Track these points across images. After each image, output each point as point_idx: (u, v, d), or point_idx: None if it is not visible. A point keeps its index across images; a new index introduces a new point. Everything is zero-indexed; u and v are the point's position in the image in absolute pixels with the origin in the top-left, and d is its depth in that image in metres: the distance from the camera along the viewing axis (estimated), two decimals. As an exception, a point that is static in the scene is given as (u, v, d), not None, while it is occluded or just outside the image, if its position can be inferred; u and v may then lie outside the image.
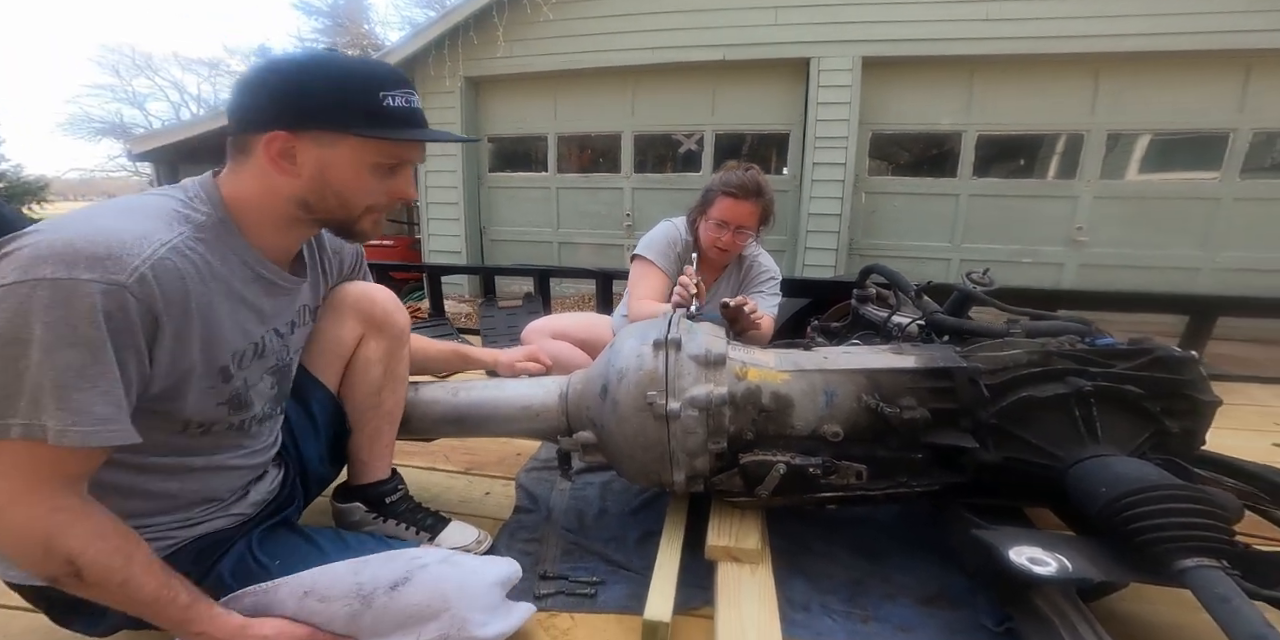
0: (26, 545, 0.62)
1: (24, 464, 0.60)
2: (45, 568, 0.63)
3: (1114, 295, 2.89)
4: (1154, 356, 0.98)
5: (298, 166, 0.71)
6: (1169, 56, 4.26)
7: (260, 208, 0.74)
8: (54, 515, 0.62)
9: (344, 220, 0.77)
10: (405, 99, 0.72)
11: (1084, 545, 0.80)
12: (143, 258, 0.61)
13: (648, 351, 0.97)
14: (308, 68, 0.69)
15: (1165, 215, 4.57)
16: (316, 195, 0.73)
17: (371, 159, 0.72)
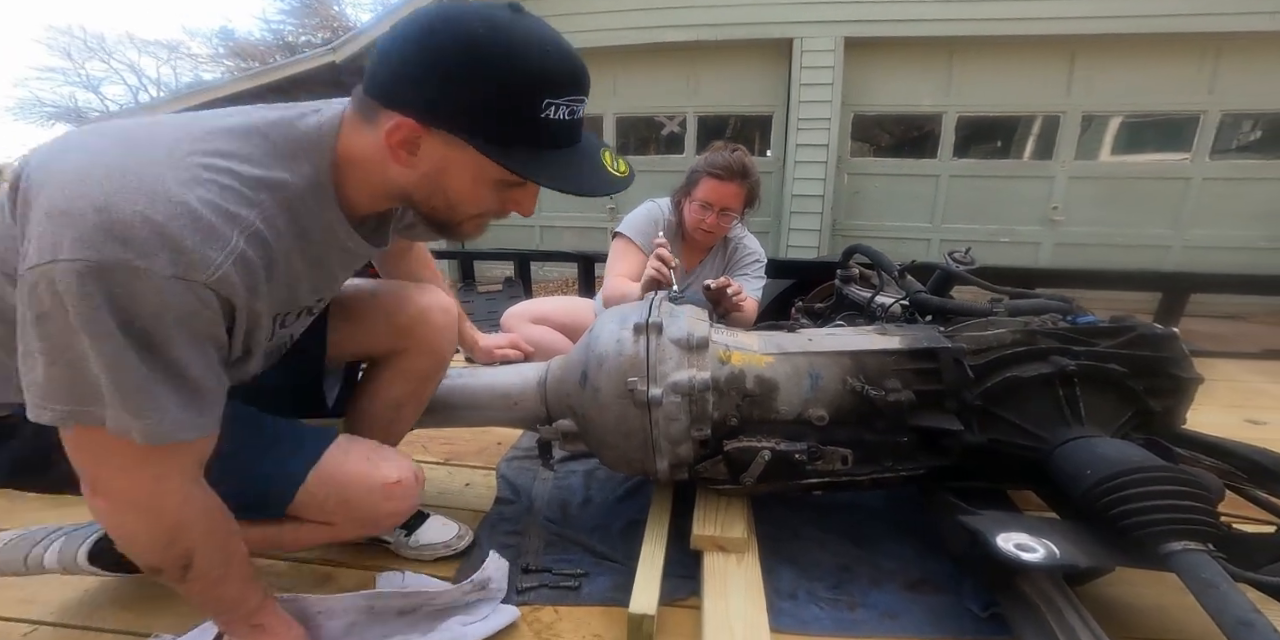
0: (155, 535, 0.62)
1: (149, 455, 0.57)
2: (160, 558, 0.63)
3: (1090, 273, 2.94)
4: (1136, 334, 0.97)
5: (417, 159, 0.61)
6: (1142, 39, 4.30)
7: (364, 181, 0.65)
8: (183, 507, 0.62)
9: (445, 222, 0.69)
10: (570, 109, 0.60)
11: (1070, 530, 0.80)
12: (225, 252, 0.54)
13: (628, 336, 0.94)
14: (476, 52, 0.55)
15: (1137, 195, 4.67)
16: (425, 194, 0.65)
17: (497, 174, 0.62)
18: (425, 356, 0.96)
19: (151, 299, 0.51)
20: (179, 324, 0.54)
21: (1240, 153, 4.64)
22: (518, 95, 0.57)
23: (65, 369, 0.52)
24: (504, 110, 0.57)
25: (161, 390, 0.54)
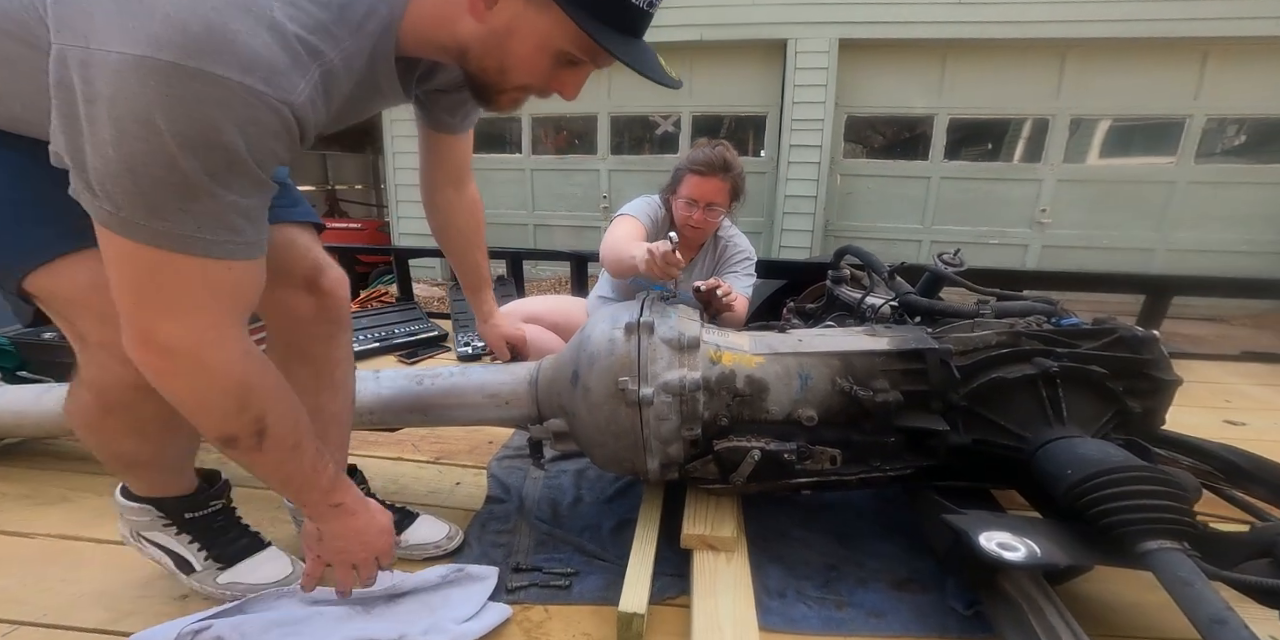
0: (224, 394, 0.59)
1: (213, 285, 0.55)
2: (235, 424, 0.60)
3: (1076, 275, 2.98)
4: (1117, 336, 0.99)
5: (491, 14, 0.60)
6: (1130, 43, 4.36)
7: (427, 30, 0.63)
8: (246, 361, 0.59)
9: (488, 85, 0.67)
10: (650, 0, 0.61)
11: (1051, 529, 0.81)
12: (309, 83, 0.54)
13: (619, 336, 0.94)
14: None
15: (1123, 198, 4.74)
16: (481, 51, 0.63)
17: (563, 44, 0.62)
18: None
19: (240, 113, 0.50)
20: (261, 141, 0.53)
21: (1225, 157, 4.71)
22: None
23: (122, 167, 0.49)
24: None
25: (230, 209, 0.53)
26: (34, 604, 0.89)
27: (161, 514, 0.84)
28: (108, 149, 0.48)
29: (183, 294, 0.55)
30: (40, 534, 1.07)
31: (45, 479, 1.27)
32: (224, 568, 0.87)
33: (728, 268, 1.67)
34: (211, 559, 0.86)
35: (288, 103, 0.52)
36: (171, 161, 0.49)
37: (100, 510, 1.14)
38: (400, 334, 2.21)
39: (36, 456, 1.36)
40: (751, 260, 1.71)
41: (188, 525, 0.86)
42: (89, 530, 1.08)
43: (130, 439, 0.76)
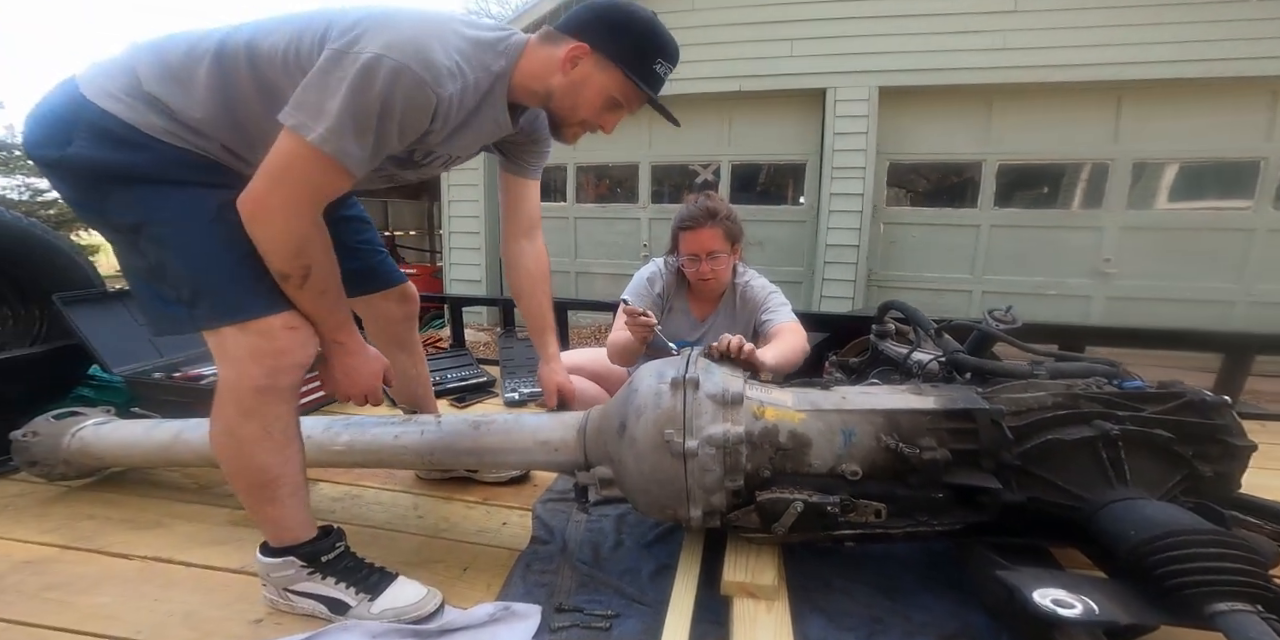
0: (288, 243, 0.86)
1: (314, 173, 0.83)
2: (289, 264, 0.87)
3: (1145, 332, 2.77)
4: (1185, 401, 0.98)
5: (573, 71, 0.95)
6: (1194, 83, 4.21)
7: (529, 80, 0.98)
8: (313, 228, 0.87)
9: (563, 119, 1.02)
10: (665, 71, 0.99)
11: (1111, 587, 0.80)
12: (459, 86, 0.87)
13: (666, 390, 0.99)
14: (635, 17, 0.96)
15: (1197, 246, 4.46)
16: (562, 94, 0.97)
17: (614, 92, 0.98)
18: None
19: (408, 89, 0.81)
20: (406, 111, 0.83)
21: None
22: (651, 50, 0.97)
23: (338, 110, 0.79)
24: (641, 55, 0.96)
25: (355, 134, 0.81)
26: (129, 621, 0.98)
27: (303, 563, 0.97)
28: (337, 102, 0.79)
29: (303, 178, 0.83)
30: (138, 556, 1.18)
31: (144, 505, 1.39)
32: (373, 599, 0.97)
33: (761, 312, 1.66)
34: (361, 593, 0.97)
35: (438, 95, 0.84)
36: (367, 109, 0.80)
37: (191, 536, 1.26)
38: (452, 379, 2.33)
39: (138, 484, 1.50)
40: (777, 292, 1.71)
41: (327, 568, 0.98)
42: (180, 554, 1.18)
43: (263, 447, 0.92)
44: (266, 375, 0.87)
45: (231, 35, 0.88)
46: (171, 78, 0.87)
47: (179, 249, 0.87)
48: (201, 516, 1.34)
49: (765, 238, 5.34)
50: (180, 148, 0.88)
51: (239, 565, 1.14)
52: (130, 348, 1.90)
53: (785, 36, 4.84)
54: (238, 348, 0.87)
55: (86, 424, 1.42)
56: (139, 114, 0.85)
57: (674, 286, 1.72)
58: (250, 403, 0.89)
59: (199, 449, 1.31)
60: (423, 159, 1.02)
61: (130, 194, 0.87)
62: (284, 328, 0.88)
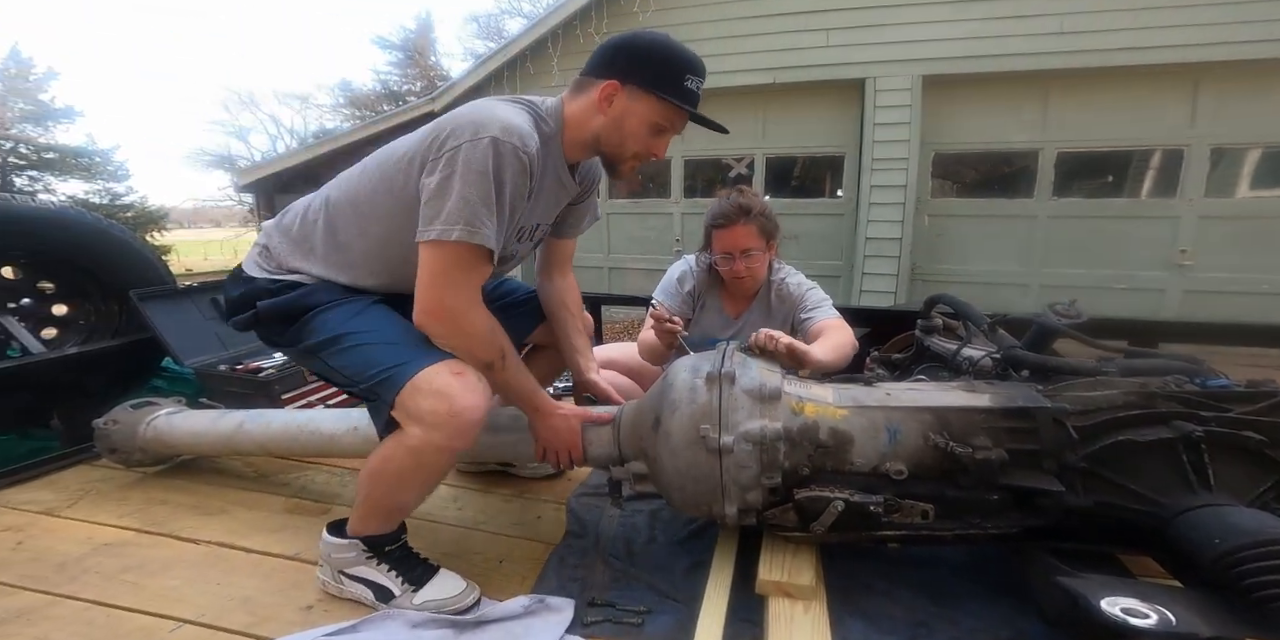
0: (481, 333, 0.95)
1: (468, 266, 0.91)
2: (489, 351, 0.96)
3: (1228, 327, 2.56)
4: (1277, 401, 0.91)
5: (611, 109, 0.99)
6: (1275, 64, 3.88)
7: (576, 131, 1.04)
8: (488, 317, 0.97)
9: (616, 157, 1.05)
10: (697, 85, 1.00)
11: (1188, 597, 0.75)
12: (535, 141, 0.94)
13: (701, 385, 0.98)
14: (652, 44, 0.99)
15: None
16: (608, 133, 1.02)
17: (655, 118, 1.00)
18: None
19: (507, 157, 0.89)
20: (513, 176, 0.91)
21: None
22: (677, 69, 0.98)
23: (459, 202, 0.87)
24: (668, 76, 0.98)
25: (486, 215, 0.89)
26: (194, 604, 1.03)
27: (366, 548, 1.02)
28: (455, 197, 0.88)
29: (464, 275, 0.92)
30: (204, 541, 1.24)
31: (209, 492, 1.47)
32: (416, 590, 1.01)
33: (800, 311, 1.61)
34: (407, 583, 1.01)
35: (529, 155, 0.92)
36: (485, 188, 0.88)
37: (252, 523, 1.32)
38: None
39: (205, 472, 1.58)
40: (815, 288, 1.65)
41: (387, 556, 1.02)
42: (242, 540, 1.24)
43: (415, 490, 1.00)
44: (448, 438, 0.91)
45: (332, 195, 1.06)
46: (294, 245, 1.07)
47: (342, 351, 0.97)
48: (260, 504, 1.41)
49: (801, 231, 5.22)
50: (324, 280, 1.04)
51: (293, 552, 1.19)
52: (198, 341, 2.00)
53: (821, 26, 4.70)
54: (418, 410, 0.89)
55: (160, 413, 1.50)
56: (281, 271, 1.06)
57: (706, 284, 1.69)
58: (428, 458, 0.93)
59: (259, 439, 1.37)
60: (519, 237, 1.08)
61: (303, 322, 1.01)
62: (451, 373, 0.91)
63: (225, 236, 19.79)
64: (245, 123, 20.59)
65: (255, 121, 22.01)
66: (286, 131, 20.53)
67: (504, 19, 17.15)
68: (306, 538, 1.21)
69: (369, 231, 1.01)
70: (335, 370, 0.98)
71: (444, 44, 22.55)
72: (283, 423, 1.35)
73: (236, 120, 20.36)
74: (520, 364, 1.03)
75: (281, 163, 6.93)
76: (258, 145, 20.57)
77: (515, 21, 15.41)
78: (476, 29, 18.12)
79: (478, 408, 0.91)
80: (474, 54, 14.83)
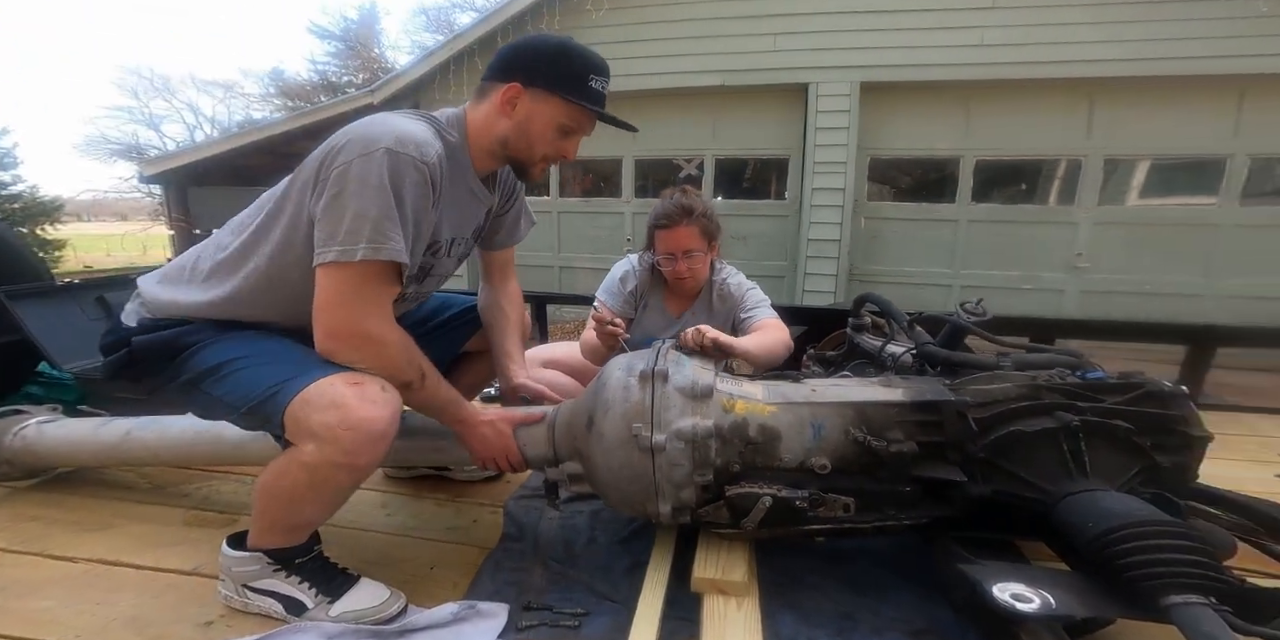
0: (398, 353, 0.90)
1: (377, 284, 0.86)
2: (407, 373, 0.92)
3: (1113, 324, 2.86)
4: (1144, 391, 0.98)
5: (515, 112, 0.97)
6: (1164, 81, 4.30)
7: (481, 139, 1.00)
8: (403, 337, 0.92)
9: (524, 161, 1.03)
10: (602, 85, 0.99)
11: (1070, 580, 0.80)
12: (435, 151, 0.90)
13: (634, 383, 0.98)
14: (552, 45, 0.98)
15: (1166, 241, 4.58)
16: (515, 137, 0.99)
17: (561, 119, 0.98)
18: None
19: (402, 168, 0.85)
20: (413, 188, 0.86)
21: (1273, 198, 4.50)
22: (580, 70, 0.96)
23: (356, 219, 0.82)
24: (571, 76, 0.96)
25: (389, 228, 0.84)
26: (70, 625, 0.95)
27: (271, 561, 0.96)
28: (350, 215, 0.83)
29: (373, 293, 0.87)
30: (83, 559, 1.14)
31: (94, 507, 1.35)
32: (333, 601, 0.95)
33: (740, 310, 1.64)
34: (321, 595, 0.96)
35: (427, 164, 0.88)
36: (383, 201, 0.83)
37: (141, 537, 1.21)
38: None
39: (90, 485, 1.45)
40: (755, 288, 1.68)
41: (298, 568, 0.97)
42: (130, 556, 1.14)
43: (315, 507, 0.94)
44: (345, 454, 0.84)
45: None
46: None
47: (224, 378, 0.91)
48: (155, 517, 1.30)
49: (749, 232, 5.36)
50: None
51: (193, 567, 1.11)
52: (80, 343, 1.81)
53: (768, 31, 4.84)
54: (309, 424, 0.83)
55: (29, 422, 1.37)
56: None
57: (649, 283, 1.70)
58: (324, 474, 0.87)
59: (151, 447, 1.27)
60: (434, 252, 1.04)
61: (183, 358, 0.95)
62: (346, 384, 0.85)
63: (130, 230, 18.20)
64: (158, 110, 18.88)
65: (169, 109, 20.17)
66: (207, 120, 19.06)
67: (455, 13, 16.59)
68: (208, 551, 1.12)
69: (260, 270, 0.94)
70: (218, 400, 0.90)
71: (391, 36, 21.58)
72: (180, 429, 1.26)
73: (147, 107, 18.69)
74: (440, 380, 0.98)
75: (197, 153, 6.43)
76: (174, 135, 18.99)
77: (467, 16, 14.97)
78: (426, 22, 17.44)
79: (379, 419, 0.85)
80: (422, 47, 14.36)
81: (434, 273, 1.10)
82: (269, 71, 20.62)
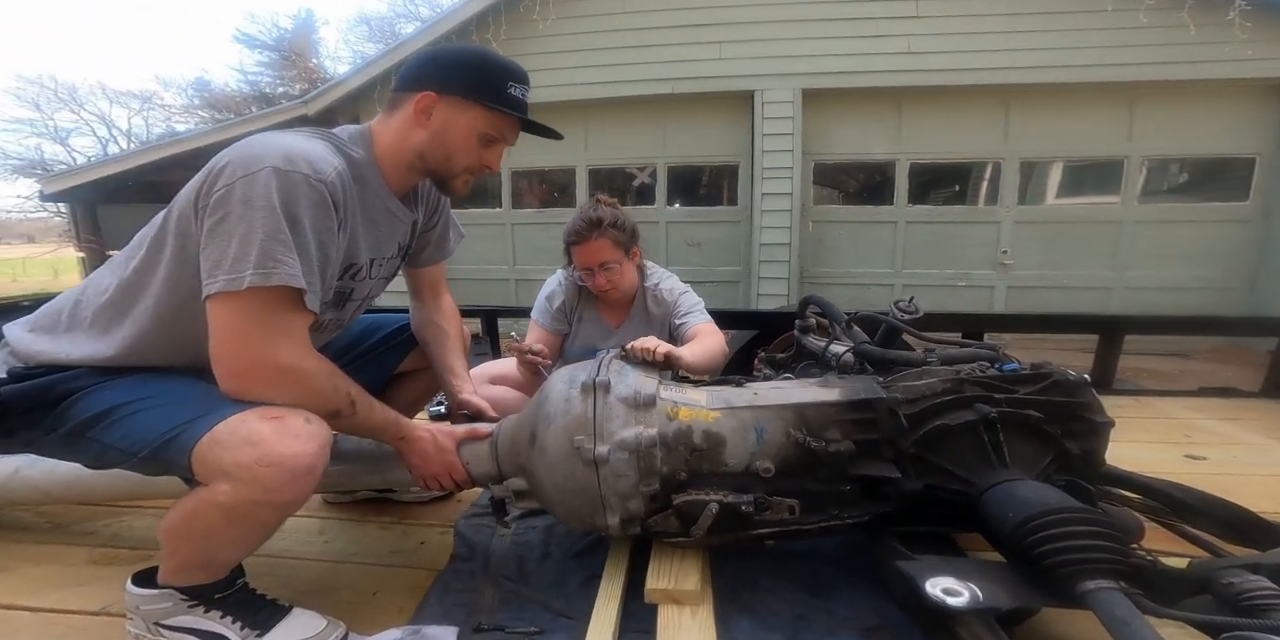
0: (319, 385, 0.84)
1: (276, 312, 0.79)
2: (334, 402, 0.86)
3: (1036, 317, 3.07)
4: (1052, 381, 1.03)
5: (430, 121, 0.93)
6: (1066, 88, 4.67)
7: (394, 153, 0.96)
8: (322, 364, 0.86)
9: (444, 173, 0.98)
10: (522, 92, 0.96)
11: (998, 572, 0.83)
12: (332, 167, 0.84)
13: (576, 395, 0.97)
14: (466, 53, 0.95)
15: (1078, 238, 4.96)
16: (432, 148, 0.95)
17: (481, 129, 0.95)
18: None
19: (293, 188, 0.79)
20: (310, 209, 0.80)
21: (1169, 196, 4.99)
22: (497, 76, 0.94)
23: (241, 244, 0.76)
24: (490, 83, 0.93)
25: (281, 253, 0.77)
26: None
27: (185, 597, 0.88)
28: (237, 241, 0.76)
29: (278, 323, 0.80)
30: None
31: (-22, 549, 1.23)
32: (261, 634, 0.89)
33: (674, 316, 1.63)
34: (249, 629, 0.89)
35: (325, 183, 0.82)
36: (273, 224, 0.77)
37: (39, 579, 1.13)
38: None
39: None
40: (688, 292, 1.68)
41: (219, 604, 0.90)
42: (27, 599, 1.06)
43: (234, 546, 0.88)
44: (265, 492, 0.77)
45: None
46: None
47: (116, 423, 0.83)
48: (56, 557, 1.20)
49: (704, 238, 5.45)
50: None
51: (100, 607, 1.03)
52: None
53: (714, 39, 4.95)
54: (220, 464, 0.76)
55: None
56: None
57: (578, 297, 1.69)
58: (243, 513, 0.80)
59: (42, 486, 1.17)
60: (354, 275, 0.99)
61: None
62: (262, 419, 0.78)
63: (35, 253, 16.72)
64: (64, 122, 17.40)
65: (78, 121, 18.56)
66: (122, 134, 17.75)
67: (399, 23, 16.13)
68: (117, 590, 1.02)
69: (150, 311, 0.86)
70: (109, 447, 0.82)
71: (330, 46, 20.77)
72: (72, 466, 1.16)
73: (51, 119, 17.21)
74: (372, 404, 0.93)
75: (103, 168, 5.95)
76: (84, 148, 17.54)
77: (411, 26, 14.62)
78: (369, 32, 16.89)
79: (302, 454, 0.78)
80: (365, 57, 13.91)
81: (354, 297, 1.04)
82: (192, 81, 19.38)
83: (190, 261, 0.82)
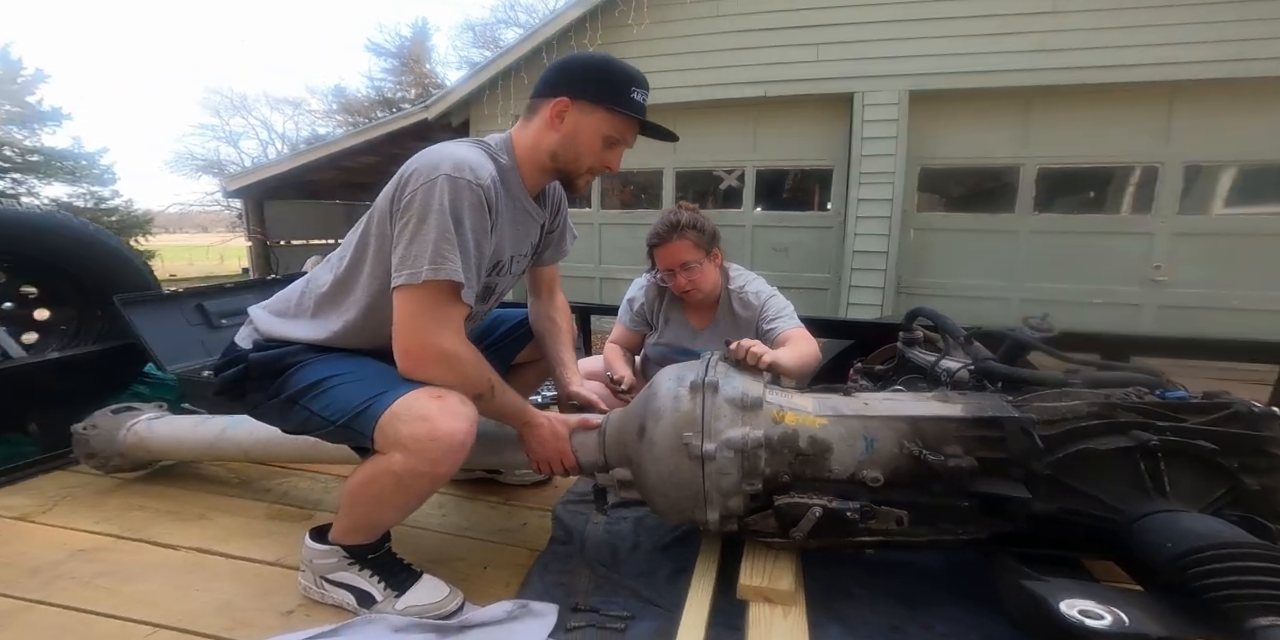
0: (472, 368, 0.97)
1: (440, 303, 0.92)
2: (480, 386, 0.98)
3: (1194, 341, 2.62)
4: (1231, 412, 0.95)
5: (563, 124, 1.02)
6: (1252, 83, 4.01)
7: (531, 156, 1.06)
8: (473, 352, 0.98)
9: (571, 173, 1.08)
10: (642, 97, 1.05)
11: (1143, 600, 0.77)
12: (489, 173, 0.96)
13: (685, 393, 1.00)
14: (594, 60, 1.05)
15: (1255, 253, 4.22)
16: (564, 149, 1.04)
17: (606, 131, 1.03)
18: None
19: (459, 193, 0.91)
20: (471, 211, 0.92)
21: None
22: (622, 82, 1.02)
23: (420, 244, 0.89)
24: (615, 88, 1.02)
25: (450, 252, 0.90)
26: (169, 609, 1.03)
27: (347, 555, 1.02)
28: (418, 240, 0.89)
29: (445, 313, 0.93)
30: (183, 547, 1.24)
31: (189, 498, 1.46)
32: (399, 595, 1.01)
33: (762, 320, 1.60)
34: (390, 589, 1.01)
35: (482, 187, 0.94)
36: (444, 225, 0.89)
37: (231, 529, 1.31)
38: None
39: (185, 478, 1.57)
40: (775, 295, 1.64)
41: (370, 563, 1.03)
42: (221, 546, 1.24)
43: (395, 511, 1.01)
44: (430, 463, 0.90)
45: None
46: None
47: (321, 394, 0.98)
48: (242, 510, 1.40)
49: (790, 244, 5.29)
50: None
51: (275, 558, 1.19)
52: (182, 347, 2.00)
53: (811, 41, 4.80)
54: (398, 436, 0.89)
55: (141, 418, 1.49)
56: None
57: (660, 300, 1.73)
58: (409, 482, 0.93)
59: (243, 444, 1.37)
60: (498, 271, 1.10)
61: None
62: (430, 397, 0.91)
63: (211, 242, 19.54)
64: (236, 127, 20.37)
65: (246, 126, 21.81)
66: (278, 137, 20.42)
67: (500, 29, 17.27)
68: (288, 544, 1.20)
69: (361, 302, 1.01)
70: (315, 414, 0.96)
71: (440, 52, 22.57)
72: (267, 429, 1.35)
73: (227, 125, 20.19)
74: (506, 389, 1.04)
75: (270, 169, 6.88)
76: (249, 150, 20.41)
77: (512, 31, 15.52)
78: (473, 38, 18.21)
79: (459, 431, 0.90)
80: (470, 62, 14.94)
81: (496, 291, 1.15)
82: (332, 88, 21.97)
83: (387, 260, 0.95)
